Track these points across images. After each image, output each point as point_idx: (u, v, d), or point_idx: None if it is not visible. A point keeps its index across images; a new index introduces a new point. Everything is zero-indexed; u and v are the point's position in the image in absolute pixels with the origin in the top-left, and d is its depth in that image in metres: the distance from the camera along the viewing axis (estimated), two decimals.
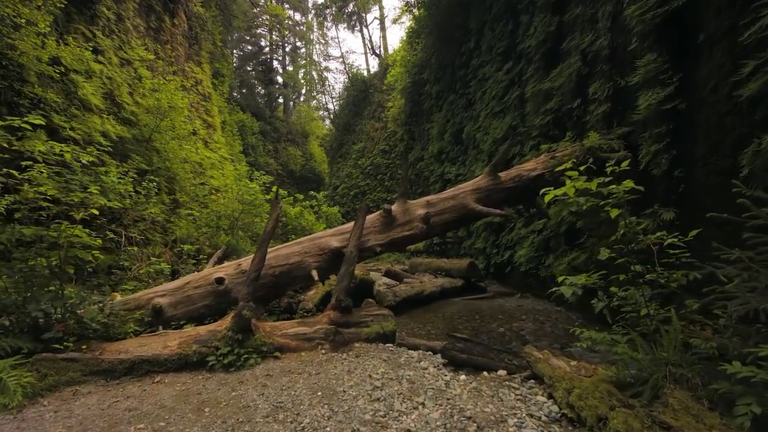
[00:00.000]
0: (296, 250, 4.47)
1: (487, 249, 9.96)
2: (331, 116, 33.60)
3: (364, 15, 27.64)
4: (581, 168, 5.42)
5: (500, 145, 9.92)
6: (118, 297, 4.85)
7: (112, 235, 6.59)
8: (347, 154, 25.39)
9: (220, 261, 5.74)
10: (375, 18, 29.50)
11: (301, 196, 14.60)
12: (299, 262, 4.39)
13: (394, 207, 4.76)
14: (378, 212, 4.72)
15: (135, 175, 8.72)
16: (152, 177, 8.47)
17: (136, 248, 7.00)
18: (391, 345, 4.00)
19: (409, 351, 3.86)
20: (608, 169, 3.11)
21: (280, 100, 34.78)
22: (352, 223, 4.49)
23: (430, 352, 3.86)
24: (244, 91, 32.68)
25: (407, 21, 18.84)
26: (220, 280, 4.21)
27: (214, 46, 19.98)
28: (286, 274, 4.34)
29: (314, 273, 4.31)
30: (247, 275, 3.96)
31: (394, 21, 27.19)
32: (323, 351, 3.72)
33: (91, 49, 8.88)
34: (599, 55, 6.34)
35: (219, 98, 21.05)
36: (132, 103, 9.98)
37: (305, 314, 4.95)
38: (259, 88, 33.27)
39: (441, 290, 7.91)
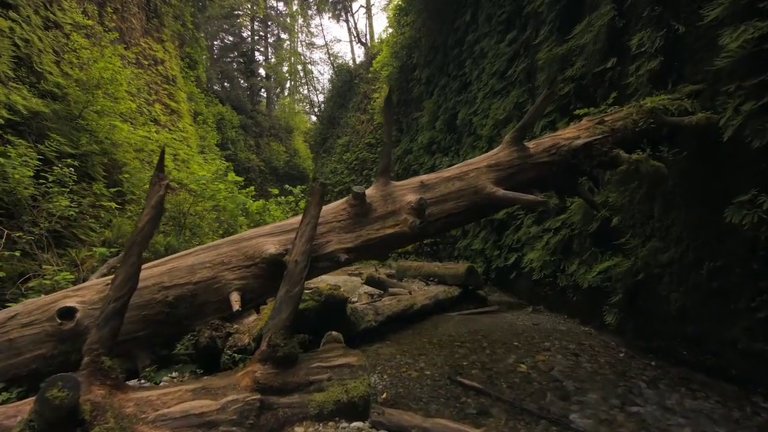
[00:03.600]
0: (207, 258, 2.69)
1: (486, 251, 8.28)
2: (316, 110, 31.72)
3: (349, 3, 25.80)
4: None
5: (503, 128, 8.28)
6: None
7: None
8: (332, 148, 23.54)
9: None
10: (361, 6, 27.71)
11: (276, 191, 12.79)
12: (211, 279, 2.61)
13: (370, 190, 3.01)
14: (344, 199, 2.97)
15: (54, 159, 6.83)
16: (71, 161, 6.55)
17: (18, 251, 5.09)
18: (362, 425, 2.27)
19: None
20: None
21: (263, 94, 32.67)
22: (299, 217, 2.73)
23: None
24: (226, 84, 30.50)
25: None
26: (67, 313, 2.40)
27: (184, 27, 17.94)
28: (187, 299, 2.56)
29: (234, 297, 2.54)
30: (103, 308, 2.17)
31: None
32: None
33: None
34: None
35: (191, 85, 19.02)
36: (58, 73, 8.01)
37: (236, 358, 3.17)
38: (241, 80, 31.14)
39: (435, 303, 6.21)
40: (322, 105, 30.19)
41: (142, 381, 2.71)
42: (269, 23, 31.93)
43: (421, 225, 2.80)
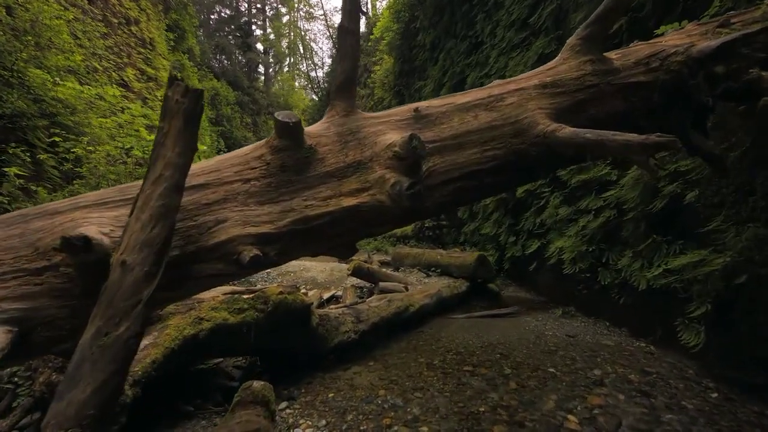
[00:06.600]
0: None
1: (500, 237, 6.83)
2: (315, 88, 29.91)
3: None
4: None
5: None
6: None
7: None
8: None
9: None
10: None
11: None
12: None
13: (317, 126, 1.57)
14: (261, 141, 1.53)
15: None
16: None
17: None
18: None
19: None
20: None
21: (261, 70, 30.75)
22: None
23: None
24: (224, 59, 28.59)
25: None
26: None
27: None
28: None
29: None
30: None
31: None
32: None
33: None
34: None
35: (181, 55, 17.35)
36: None
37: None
38: (238, 55, 29.23)
39: (437, 302, 4.80)
40: (322, 81, 28.39)
41: None
42: None
43: (413, 190, 1.34)
